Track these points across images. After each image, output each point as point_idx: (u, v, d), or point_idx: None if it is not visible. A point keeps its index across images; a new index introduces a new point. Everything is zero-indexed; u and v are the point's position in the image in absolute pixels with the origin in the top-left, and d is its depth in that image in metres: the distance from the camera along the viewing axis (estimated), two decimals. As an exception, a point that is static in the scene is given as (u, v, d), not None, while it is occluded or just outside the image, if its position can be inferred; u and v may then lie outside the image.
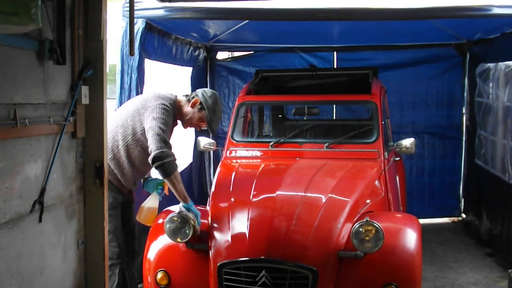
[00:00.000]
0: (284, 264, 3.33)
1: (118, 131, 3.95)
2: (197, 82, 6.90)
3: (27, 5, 2.13)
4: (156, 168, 3.69)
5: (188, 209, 3.66)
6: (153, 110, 3.82)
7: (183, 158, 6.60)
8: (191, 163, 6.85)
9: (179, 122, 4.18)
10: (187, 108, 4.05)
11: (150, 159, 3.69)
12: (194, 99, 4.04)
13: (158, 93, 4.06)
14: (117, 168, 3.96)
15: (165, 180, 3.77)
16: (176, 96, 4.10)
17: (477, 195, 6.94)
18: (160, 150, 3.66)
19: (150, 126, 3.76)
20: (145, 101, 3.95)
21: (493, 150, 6.29)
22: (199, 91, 4.10)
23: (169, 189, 3.96)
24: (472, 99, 7.01)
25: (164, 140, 3.70)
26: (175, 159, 3.74)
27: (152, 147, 3.69)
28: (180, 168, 6.32)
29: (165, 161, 3.66)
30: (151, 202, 4.08)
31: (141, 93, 4.85)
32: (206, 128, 4.13)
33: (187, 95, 4.14)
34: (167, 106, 3.87)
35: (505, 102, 5.83)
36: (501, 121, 6.01)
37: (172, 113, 3.96)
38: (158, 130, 3.72)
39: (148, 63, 5.21)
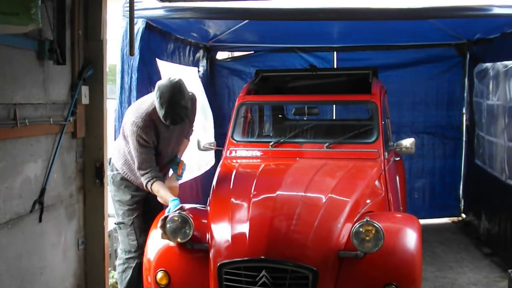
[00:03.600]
0: (284, 264, 3.32)
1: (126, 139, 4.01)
2: (204, 82, 6.97)
3: (27, 5, 2.13)
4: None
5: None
6: (130, 139, 3.85)
7: (206, 159, 6.68)
8: (214, 164, 6.89)
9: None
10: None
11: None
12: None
13: (136, 108, 3.93)
14: (130, 172, 4.05)
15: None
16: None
17: (476, 195, 6.94)
18: (142, 172, 3.86)
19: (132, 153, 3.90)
20: (125, 121, 3.93)
21: (490, 150, 6.29)
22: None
23: (181, 171, 4.22)
24: (472, 99, 7.02)
25: (140, 172, 3.87)
26: (148, 179, 3.87)
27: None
28: (204, 169, 6.45)
29: (145, 186, 3.88)
30: (170, 181, 4.17)
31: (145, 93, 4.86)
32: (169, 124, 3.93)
33: None
34: (137, 122, 3.80)
35: (501, 102, 5.83)
36: (497, 121, 6.01)
37: (150, 120, 3.85)
38: (135, 161, 3.86)
39: (159, 64, 5.21)
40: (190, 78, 6.65)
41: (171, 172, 4.32)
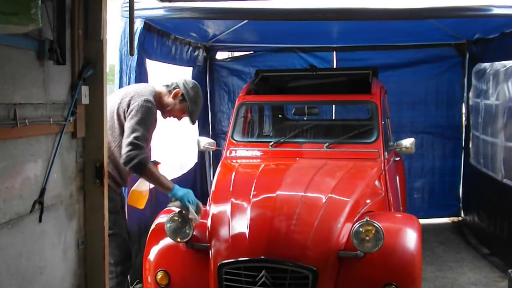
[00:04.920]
0: (284, 264, 3.33)
1: (108, 133, 3.77)
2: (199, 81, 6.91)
3: (27, 5, 2.13)
4: (129, 169, 3.65)
5: (181, 198, 3.63)
6: (136, 111, 3.71)
7: (189, 158, 6.63)
8: (196, 163, 6.86)
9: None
10: (168, 99, 3.94)
11: (121, 163, 3.66)
12: (176, 90, 3.92)
13: (138, 87, 3.95)
14: (115, 171, 3.84)
15: (142, 178, 3.76)
16: (154, 86, 3.98)
17: (474, 195, 6.94)
18: (126, 155, 3.59)
19: (127, 126, 3.70)
20: (126, 97, 3.81)
21: (486, 150, 6.30)
22: (180, 82, 3.98)
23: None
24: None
25: (133, 143, 3.61)
26: (144, 155, 3.64)
27: (122, 151, 3.64)
28: (187, 168, 6.38)
29: (134, 163, 3.58)
30: (142, 184, 3.98)
31: None
32: (185, 117, 4.03)
33: (167, 85, 4.00)
34: (150, 102, 3.76)
35: (500, 101, 5.83)
36: (494, 121, 6.01)
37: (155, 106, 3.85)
38: (129, 132, 3.64)
39: (149, 63, 5.20)
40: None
41: None
